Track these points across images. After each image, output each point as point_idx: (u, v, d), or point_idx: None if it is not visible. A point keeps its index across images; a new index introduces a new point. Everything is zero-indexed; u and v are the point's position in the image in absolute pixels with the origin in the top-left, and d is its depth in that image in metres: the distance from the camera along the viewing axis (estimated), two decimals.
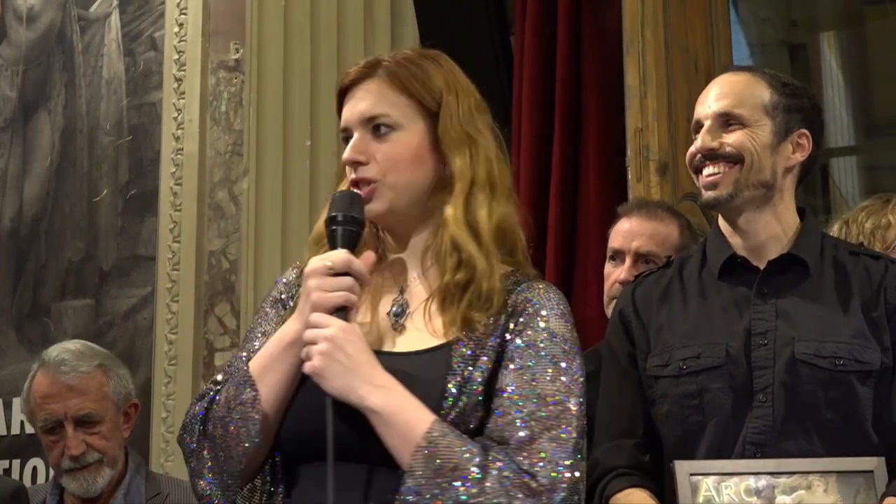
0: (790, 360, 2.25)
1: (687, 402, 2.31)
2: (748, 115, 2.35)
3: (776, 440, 2.25)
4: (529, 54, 3.68)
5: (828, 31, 6.33)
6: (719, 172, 2.33)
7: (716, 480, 2.21)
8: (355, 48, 3.99)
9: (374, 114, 2.05)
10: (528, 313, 1.91)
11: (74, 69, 4.32)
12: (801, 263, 2.36)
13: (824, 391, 2.24)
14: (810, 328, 2.29)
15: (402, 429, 1.79)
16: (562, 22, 3.63)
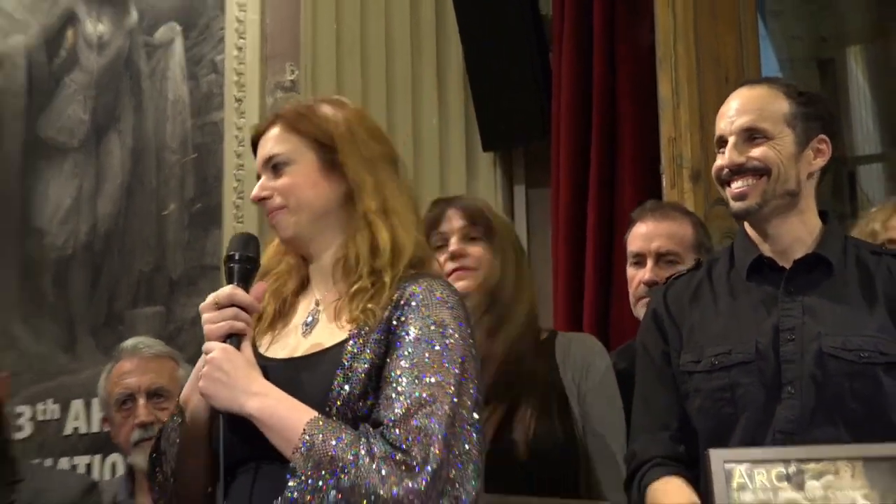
0: (817, 354, 2.25)
1: (719, 395, 2.32)
2: (771, 129, 2.35)
3: (805, 429, 2.25)
4: (567, 71, 3.70)
5: (855, 46, 6.29)
6: (747, 185, 2.33)
7: (748, 467, 2.23)
8: (402, 68, 4.04)
9: (271, 154, 2.21)
10: (412, 305, 2.00)
11: (142, 93, 4.35)
12: (826, 263, 2.36)
13: (850, 383, 2.24)
14: (836, 323, 2.29)
15: (279, 430, 1.91)
16: (597, 39, 3.66)
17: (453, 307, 2.04)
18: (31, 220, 4.41)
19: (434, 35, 4.01)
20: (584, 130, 3.65)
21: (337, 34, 4.07)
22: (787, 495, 2.24)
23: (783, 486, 2.19)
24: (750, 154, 2.34)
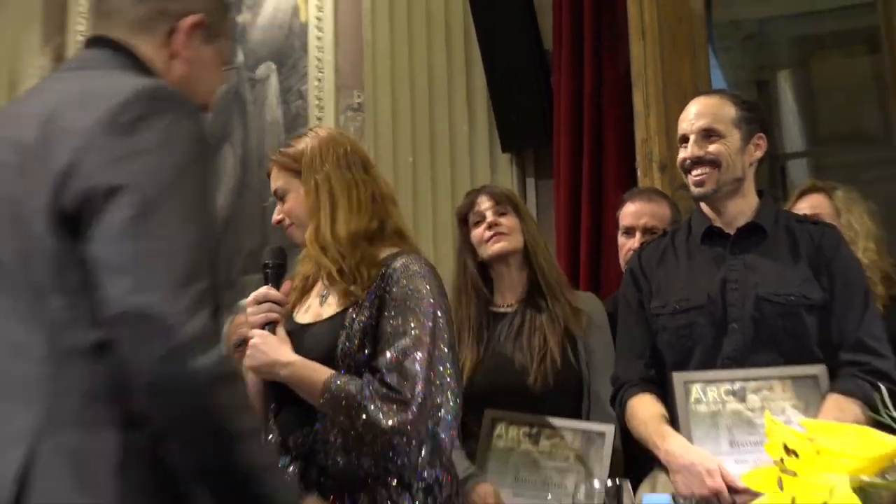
0: (755, 299, 2.25)
1: (681, 332, 2.33)
2: (723, 129, 2.35)
3: (746, 357, 2.26)
4: (564, 91, 3.68)
5: (784, 71, 6.27)
6: (705, 174, 2.34)
7: (703, 386, 2.25)
8: (441, 91, 4.02)
9: (274, 189, 2.31)
10: (394, 278, 2.06)
11: (247, 115, 4.35)
12: (761, 230, 2.36)
13: (781, 320, 2.25)
14: (769, 276, 2.29)
15: (306, 388, 2.01)
16: (587, 67, 3.63)
17: (425, 276, 2.08)
18: None
19: (464, 65, 3.99)
20: (577, 136, 3.63)
21: (391, 67, 4.07)
22: (732, 406, 2.24)
23: (729, 400, 2.24)
24: (707, 149, 2.34)
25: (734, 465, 2.13)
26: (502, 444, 2.50)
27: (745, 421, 2.19)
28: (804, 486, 0.91)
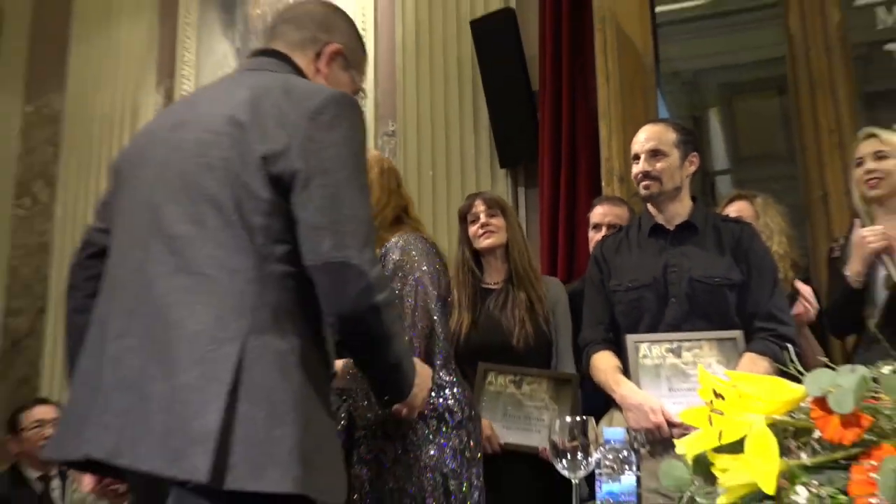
0: (689, 280, 2.25)
1: (633, 304, 2.31)
2: (666, 149, 2.34)
3: (682, 323, 2.24)
4: (547, 120, 3.65)
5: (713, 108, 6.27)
6: (652, 183, 2.33)
7: (648, 345, 2.24)
8: (454, 120, 3.98)
9: None
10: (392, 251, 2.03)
11: None
12: (694, 227, 2.34)
13: (709, 296, 2.24)
14: (700, 262, 2.28)
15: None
16: (564, 103, 3.60)
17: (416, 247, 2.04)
18: None
19: (472, 101, 3.95)
20: (557, 155, 3.60)
21: (417, 103, 4.05)
22: (671, 361, 2.22)
23: (669, 356, 2.25)
24: (655, 166, 2.33)
25: (672, 406, 2.14)
26: (493, 389, 2.52)
27: (681, 372, 2.19)
28: (729, 423, 0.90)
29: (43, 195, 4.90)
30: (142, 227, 1.35)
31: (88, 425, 1.25)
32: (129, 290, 1.32)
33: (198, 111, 1.43)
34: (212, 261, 1.28)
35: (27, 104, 5.07)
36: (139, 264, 1.32)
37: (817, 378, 0.88)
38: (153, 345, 1.25)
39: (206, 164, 1.33)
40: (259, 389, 1.22)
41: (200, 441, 1.15)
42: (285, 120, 1.33)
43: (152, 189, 1.37)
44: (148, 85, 4.72)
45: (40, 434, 3.22)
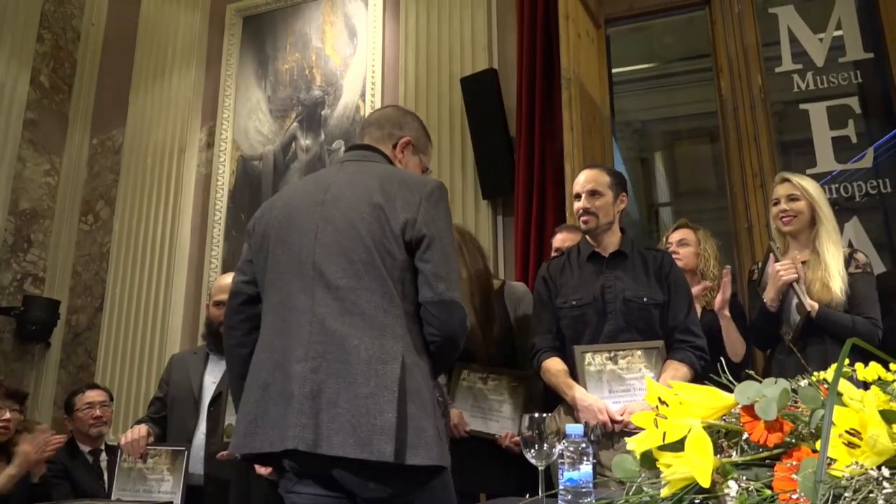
0: (623, 299, 2.23)
1: (576, 319, 2.28)
2: (602, 190, 2.32)
3: (617, 335, 2.23)
4: (521, 160, 3.61)
5: (658, 152, 6.27)
6: (590, 219, 2.32)
7: (592, 354, 2.22)
8: (445, 159, 3.92)
9: None
10: None
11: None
12: (624, 254, 2.32)
13: (639, 313, 2.22)
14: (631, 284, 2.26)
15: None
16: (536, 146, 3.57)
17: None
18: None
19: (461, 143, 3.92)
20: (529, 190, 3.56)
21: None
22: (610, 367, 2.20)
23: (608, 363, 2.20)
24: (593, 203, 2.32)
25: (612, 405, 2.14)
26: (465, 385, 2.48)
27: (618, 377, 2.18)
28: (671, 426, 0.87)
29: (104, 213, 4.87)
30: (306, 280, 1.53)
31: (287, 426, 1.41)
32: (303, 327, 1.48)
33: (336, 193, 1.60)
34: (369, 304, 1.48)
35: (93, 137, 5.05)
36: (308, 307, 1.50)
37: (746, 389, 0.86)
38: (333, 365, 1.43)
39: (357, 236, 1.53)
40: (414, 394, 1.43)
41: (384, 432, 1.37)
42: (410, 200, 1.55)
43: (312, 252, 1.55)
44: (193, 125, 4.69)
45: (90, 414, 3.17)
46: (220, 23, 4.80)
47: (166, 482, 2.33)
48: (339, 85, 4.36)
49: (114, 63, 5.08)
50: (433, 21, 4.10)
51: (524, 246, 3.49)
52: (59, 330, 4.67)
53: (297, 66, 4.51)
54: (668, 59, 5.62)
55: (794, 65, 3.68)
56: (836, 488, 0.70)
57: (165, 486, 2.32)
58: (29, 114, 4.75)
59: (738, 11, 3.74)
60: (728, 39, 3.75)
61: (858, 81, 3.57)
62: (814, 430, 0.82)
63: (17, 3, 4.70)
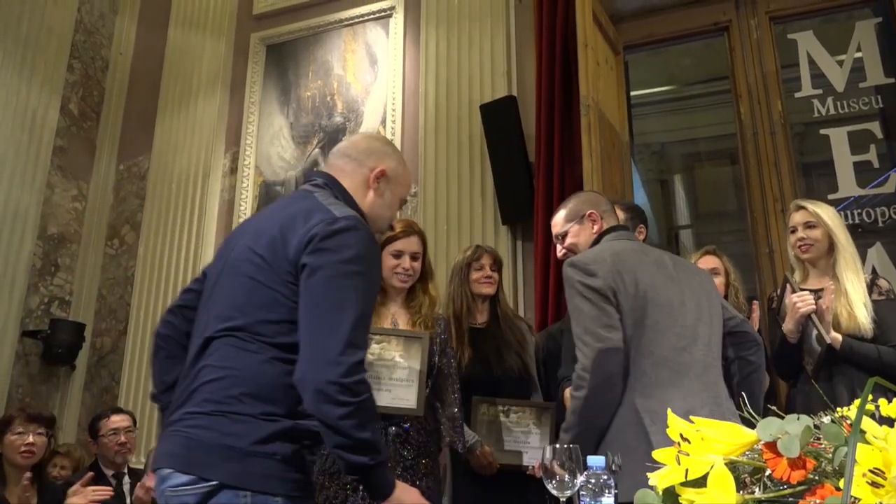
0: None
1: None
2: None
3: None
4: (541, 187, 3.62)
5: (677, 174, 6.25)
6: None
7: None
8: (464, 185, 3.95)
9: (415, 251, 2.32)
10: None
11: None
12: None
13: None
14: None
15: None
16: (555, 173, 3.58)
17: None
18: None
19: (480, 169, 3.94)
20: (549, 215, 3.51)
21: (435, 169, 4.04)
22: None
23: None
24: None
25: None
26: (485, 419, 2.46)
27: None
28: (693, 462, 0.87)
29: (129, 237, 4.95)
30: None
31: None
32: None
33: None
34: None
35: (120, 164, 5.15)
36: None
37: (768, 425, 0.86)
38: None
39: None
40: None
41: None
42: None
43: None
44: (217, 151, 4.77)
45: (115, 441, 3.19)
46: (245, 51, 4.90)
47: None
48: (361, 111, 4.41)
49: (140, 91, 5.19)
50: (453, 48, 4.16)
51: (544, 271, 3.49)
52: (84, 353, 4.72)
53: (319, 92, 4.58)
54: (687, 82, 5.64)
55: (815, 90, 3.68)
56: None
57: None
58: (58, 141, 4.86)
59: (756, 38, 3.76)
60: (747, 66, 3.76)
61: (880, 106, 3.56)
62: (837, 467, 0.82)
63: (50, 34, 4.84)
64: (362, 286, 1.36)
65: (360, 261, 1.38)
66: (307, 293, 1.36)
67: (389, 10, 4.48)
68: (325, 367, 1.28)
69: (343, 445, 1.28)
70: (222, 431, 1.29)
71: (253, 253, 1.46)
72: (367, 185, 1.58)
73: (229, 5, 5.03)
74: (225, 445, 1.27)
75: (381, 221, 1.63)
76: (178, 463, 1.31)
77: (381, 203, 1.59)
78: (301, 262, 1.37)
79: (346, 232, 1.39)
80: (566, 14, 3.71)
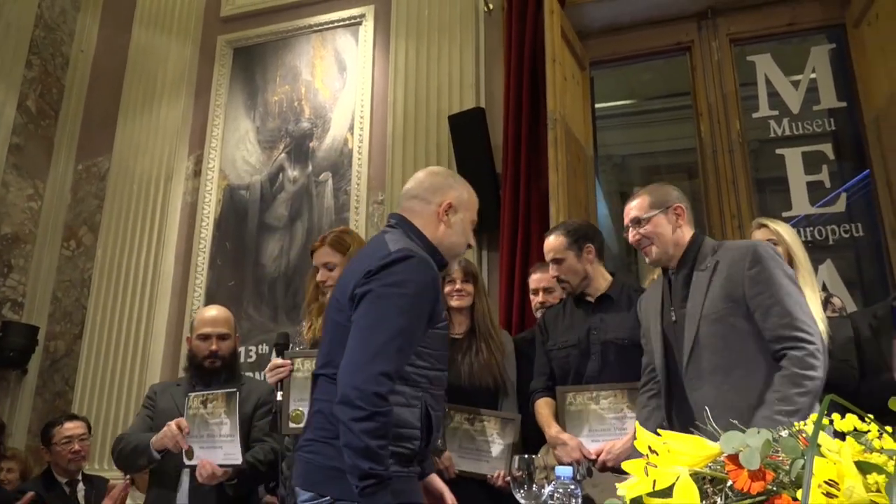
0: (605, 341, 2.29)
1: (562, 360, 2.36)
2: (561, 256, 2.44)
3: (599, 376, 2.28)
4: (507, 199, 3.66)
5: (638, 186, 6.32)
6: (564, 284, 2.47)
7: (573, 394, 2.27)
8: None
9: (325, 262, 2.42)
10: None
11: (313, 203, 4.27)
12: (610, 298, 2.37)
13: (618, 355, 2.27)
14: (614, 326, 2.31)
15: None
16: (521, 186, 3.63)
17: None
18: (260, 259, 4.34)
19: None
20: (514, 226, 3.61)
21: (403, 176, 4.03)
22: (591, 407, 2.22)
23: (590, 403, 2.22)
24: (560, 270, 2.44)
25: (591, 443, 2.20)
26: (452, 426, 2.48)
27: (599, 416, 2.23)
28: (661, 473, 0.91)
29: (87, 239, 4.84)
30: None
31: None
32: None
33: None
34: None
35: (79, 163, 5.04)
36: None
37: (731, 439, 0.90)
38: None
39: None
40: None
41: None
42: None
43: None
44: (181, 154, 4.71)
45: (69, 449, 3.13)
46: (211, 53, 4.85)
47: (224, 425, 2.37)
48: (328, 118, 4.41)
49: (102, 90, 5.10)
50: (422, 58, 4.19)
51: (509, 281, 3.53)
52: (37, 356, 4.60)
53: (286, 97, 4.57)
54: (648, 97, 5.74)
55: (771, 110, 3.82)
56: None
57: (224, 429, 2.36)
58: (14, 138, 4.74)
59: (717, 59, 3.88)
60: (708, 85, 3.87)
61: (832, 129, 3.70)
62: (794, 478, 0.87)
63: (8, 29, 4.72)
64: (406, 305, 1.50)
65: (403, 284, 1.52)
66: (355, 317, 1.54)
67: (360, 18, 4.50)
68: (352, 373, 1.44)
69: (349, 445, 1.41)
70: (327, 455, 1.50)
71: (335, 297, 1.67)
72: (438, 219, 1.76)
73: (196, 7, 4.97)
74: (332, 467, 1.48)
75: (456, 247, 1.80)
76: (301, 482, 1.55)
77: (451, 232, 1.77)
78: (354, 292, 1.55)
79: (395, 262, 1.55)
80: (535, 29, 3.77)
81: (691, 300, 1.95)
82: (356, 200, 4.13)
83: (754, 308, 1.85)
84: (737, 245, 2.01)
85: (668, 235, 2.05)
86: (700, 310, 1.91)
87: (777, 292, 1.82)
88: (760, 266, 1.87)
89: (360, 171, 4.19)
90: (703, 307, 1.91)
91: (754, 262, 1.88)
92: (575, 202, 3.38)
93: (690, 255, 2.04)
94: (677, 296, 2.02)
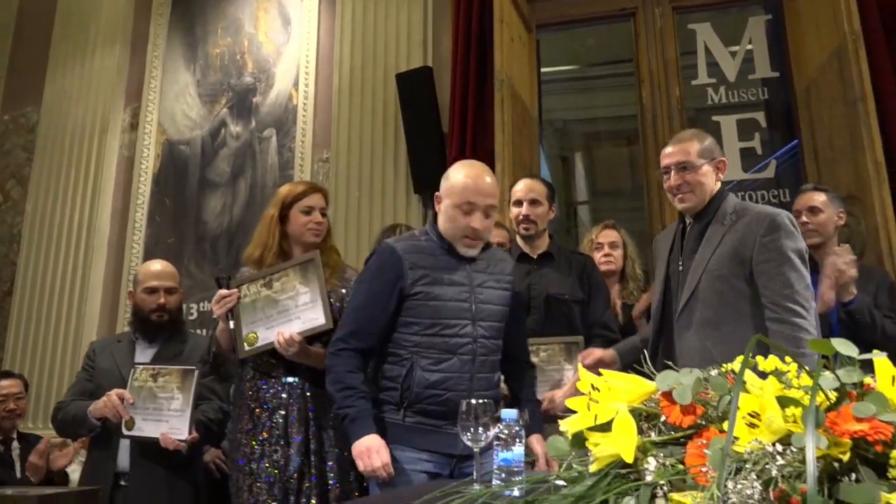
0: (546, 297, 2.36)
1: None
2: (541, 200, 2.47)
3: (540, 329, 2.35)
4: (454, 156, 3.61)
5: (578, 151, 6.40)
6: (530, 226, 2.47)
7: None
8: (378, 152, 3.95)
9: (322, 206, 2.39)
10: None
11: (256, 159, 4.21)
12: (551, 255, 2.46)
13: (561, 308, 2.37)
14: (555, 282, 2.40)
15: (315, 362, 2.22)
16: (467, 145, 3.65)
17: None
18: (201, 216, 4.27)
19: (394, 138, 3.96)
20: None
21: (348, 135, 4.02)
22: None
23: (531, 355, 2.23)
24: (534, 212, 2.46)
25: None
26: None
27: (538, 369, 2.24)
28: (602, 409, 0.96)
29: (15, 192, 4.64)
30: None
31: None
32: None
33: None
34: None
35: (5, 114, 4.80)
36: None
37: (666, 377, 0.97)
38: None
39: None
40: None
41: None
42: None
43: None
44: (116, 106, 4.53)
45: (3, 407, 3.04)
46: (148, 3, 4.66)
47: (176, 400, 2.32)
48: (272, 73, 4.32)
49: (30, 36, 4.84)
50: (369, 15, 4.13)
51: None
52: None
53: (228, 50, 4.44)
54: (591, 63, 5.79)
55: (709, 78, 3.93)
56: (738, 462, 0.81)
57: (175, 404, 2.32)
58: None
59: (660, 27, 3.95)
60: (650, 52, 3.95)
61: (765, 97, 3.84)
62: (721, 413, 0.94)
63: None
64: (362, 289, 1.91)
65: (365, 272, 1.95)
66: None
67: None
68: None
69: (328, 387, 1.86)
70: None
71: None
72: (437, 210, 2.00)
73: None
74: None
75: (452, 231, 1.94)
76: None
77: (444, 219, 1.96)
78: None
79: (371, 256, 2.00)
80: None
81: (700, 253, 1.93)
82: (301, 158, 4.08)
83: (758, 274, 1.83)
84: (758, 210, 1.95)
85: (709, 187, 1.98)
86: (705, 264, 1.90)
87: (783, 264, 1.80)
88: (774, 235, 1.84)
89: (304, 127, 4.13)
90: (708, 261, 1.90)
91: (770, 230, 1.85)
92: (519, 163, 3.43)
93: (712, 209, 1.98)
94: (689, 246, 1.99)
